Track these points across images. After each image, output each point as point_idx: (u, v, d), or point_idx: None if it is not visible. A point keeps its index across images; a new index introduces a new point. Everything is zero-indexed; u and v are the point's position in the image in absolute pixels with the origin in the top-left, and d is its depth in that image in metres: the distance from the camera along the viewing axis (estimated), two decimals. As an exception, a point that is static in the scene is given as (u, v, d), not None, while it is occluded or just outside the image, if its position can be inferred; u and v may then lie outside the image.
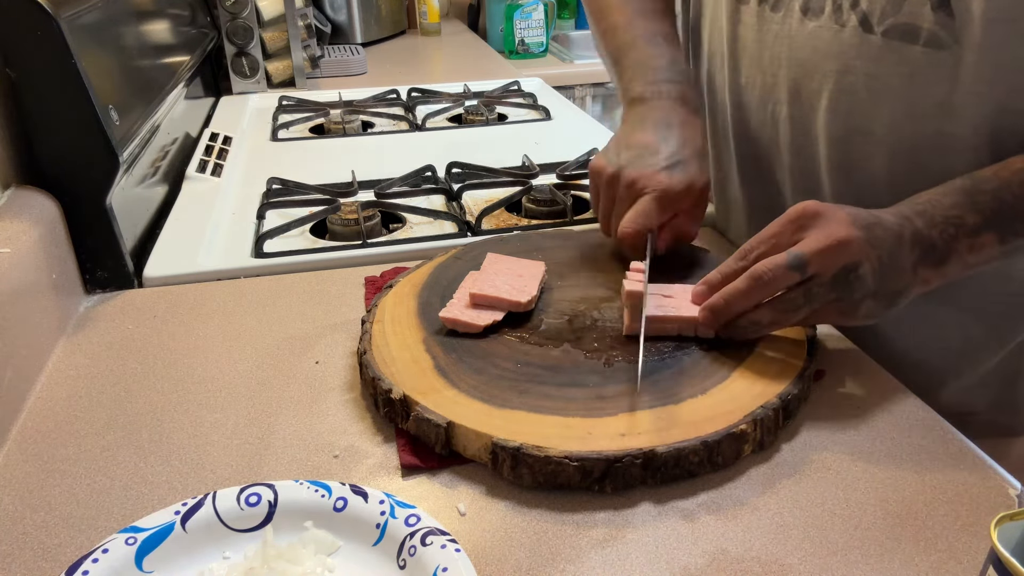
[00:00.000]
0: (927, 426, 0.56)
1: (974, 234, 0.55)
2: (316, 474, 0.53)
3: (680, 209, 0.69)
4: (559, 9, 2.33)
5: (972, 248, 0.55)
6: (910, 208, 0.56)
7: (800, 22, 0.67)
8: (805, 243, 0.54)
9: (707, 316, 0.59)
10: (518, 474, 0.50)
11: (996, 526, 0.35)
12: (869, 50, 0.62)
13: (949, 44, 0.57)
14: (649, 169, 0.68)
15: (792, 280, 0.55)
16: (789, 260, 0.54)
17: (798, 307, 0.55)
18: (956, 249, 0.55)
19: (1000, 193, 0.55)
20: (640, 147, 0.70)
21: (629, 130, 0.72)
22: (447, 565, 0.42)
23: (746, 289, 0.56)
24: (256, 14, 1.44)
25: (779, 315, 0.56)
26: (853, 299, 0.55)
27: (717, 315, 0.58)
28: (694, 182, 0.68)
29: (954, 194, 0.56)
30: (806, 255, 0.54)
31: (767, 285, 0.55)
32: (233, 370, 0.64)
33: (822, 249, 0.54)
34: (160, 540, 0.44)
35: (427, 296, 0.67)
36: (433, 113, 1.34)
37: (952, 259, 0.55)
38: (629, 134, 0.71)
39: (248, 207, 0.95)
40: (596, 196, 0.73)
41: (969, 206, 0.55)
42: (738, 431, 0.51)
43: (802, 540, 0.47)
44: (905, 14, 0.59)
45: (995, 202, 0.55)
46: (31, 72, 0.70)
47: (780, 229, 0.56)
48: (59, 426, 0.58)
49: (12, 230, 0.65)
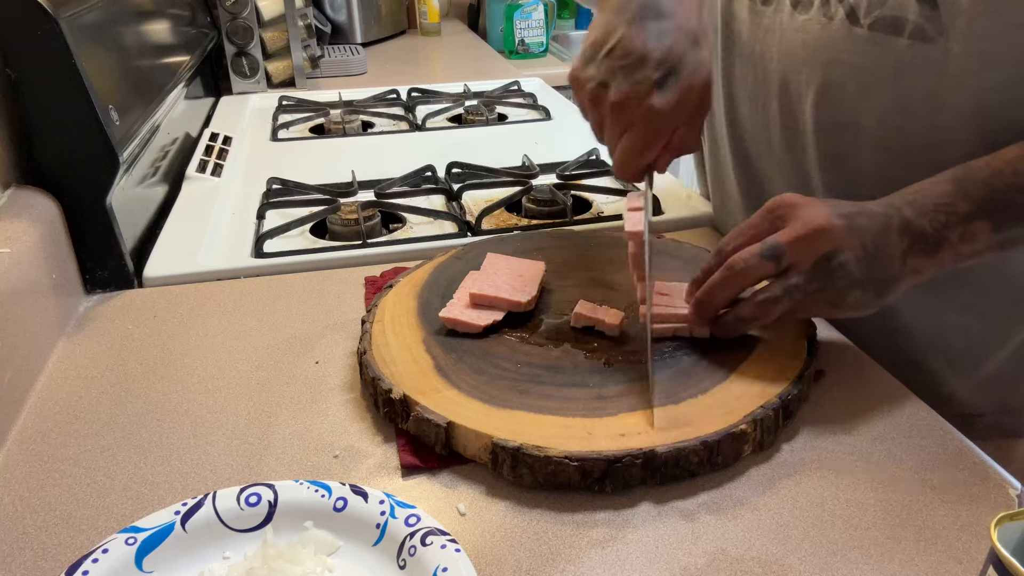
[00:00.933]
0: (927, 426, 0.56)
1: (965, 222, 0.54)
2: (316, 474, 0.53)
3: (679, 123, 0.59)
4: (559, 9, 2.33)
5: (964, 237, 0.54)
6: (899, 198, 0.56)
7: (790, 15, 0.67)
8: (782, 232, 0.54)
9: (691, 313, 0.59)
10: (518, 474, 0.50)
11: (996, 526, 0.35)
12: (856, 43, 0.62)
13: (935, 36, 0.57)
14: (637, 88, 0.57)
15: (767, 269, 0.55)
16: (763, 249, 0.54)
17: (777, 299, 0.55)
18: (947, 238, 0.54)
19: (992, 181, 0.54)
20: (623, 53, 0.57)
21: (610, 20, 0.59)
22: (447, 565, 0.42)
23: (722, 280, 0.56)
24: (256, 14, 1.44)
25: (759, 308, 0.56)
26: (837, 289, 0.54)
27: (700, 309, 0.58)
28: (691, 87, 0.57)
29: (944, 183, 0.55)
30: (781, 244, 0.54)
31: (741, 274, 0.55)
32: (233, 370, 0.64)
33: (797, 237, 0.53)
34: (160, 540, 0.44)
35: (427, 296, 0.67)
36: (433, 113, 1.34)
37: (944, 248, 0.55)
38: (610, 28, 0.58)
39: (248, 207, 0.95)
40: (583, 109, 0.62)
41: (960, 194, 0.54)
42: (738, 431, 0.51)
43: (802, 540, 0.47)
44: (891, 7, 0.59)
45: (986, 190, 0.54)
46: (31, 72, 0.70)
47: (758, 221, 0.57)
48: (59, 426, 0.58)
49: (12, 230, 0.65)
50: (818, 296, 0.55)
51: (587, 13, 2.37)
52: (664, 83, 0.57)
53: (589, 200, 0.97)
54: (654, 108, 0.57)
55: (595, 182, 1.00)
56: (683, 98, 0.57)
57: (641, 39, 0.57)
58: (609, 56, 0.58)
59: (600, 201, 0.97)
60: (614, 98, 0.57)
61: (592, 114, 0.61)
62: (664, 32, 0.57)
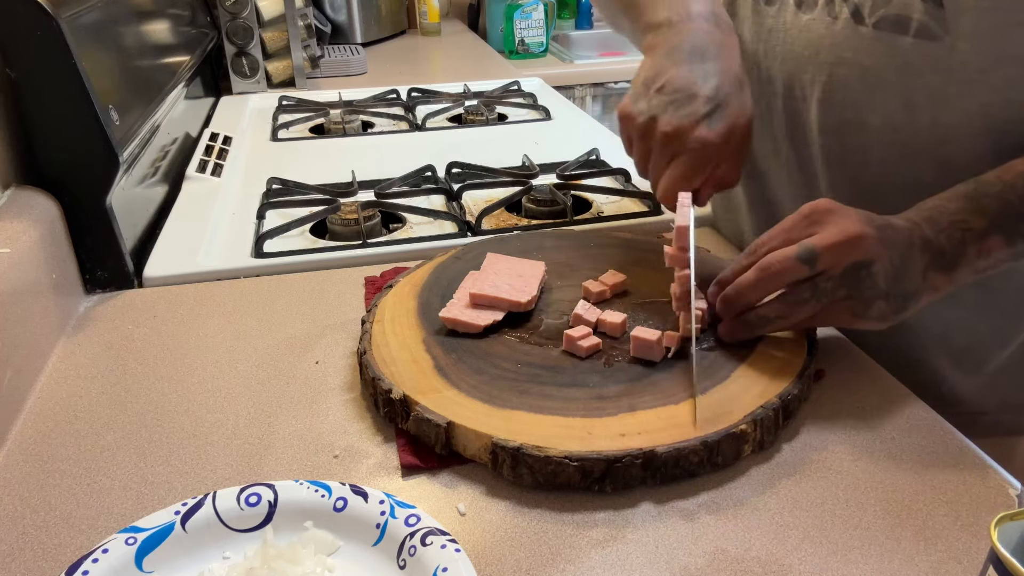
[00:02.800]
0: (927, 426, 0.56)
1: (981, 238, 0.55)
2: (316, 474, 0.53)
3: (722, 159, 0.63)
4: (559, 9, 2.33)
5: (980, 252, 0.55)
6: (917, 214, 0.56)
7: (794, 15, 0.67)
8: (817, 237, 0.54)
9: (720, 307, 0.59)
10: (518, 474, 0.50)
11: (996, 526, 0.35)
12: (861, 42, 0.62)
13: (940, 35, 0.57)
14: (687, 120, 0.61)
15: (801, 272, 0.54)
16: (799, 252, 0.54)
17: (805, 301, 0.55)
18: (965, 254, 0.55)
19: (1004, 195, 0.55)
20: (674, 89, 0.62)
21: (660, 63, 0.63)
22: (447, 565, 0.42)
23: (755, 280, 0.56)
24: (256, 14, 1.44)
25: (786, 308, 0.56)
26: (864, 298, 0.54)
27: (729, 306, 0.58)
28: (736, 125, 0.62)
29: (959, 199, 0.56)
30: (817, 248, 0.54)
31: (776, 276, 0.55)
32: (233, 370, 0.64)
33: (834, 244, 0.53)
34: (160, 540, 0.44)
35: (427, 296, 0.67)
36: (433, 113, 1.34)
37: (962, 264, 0.55)
38: (660, 69, 0.63)
39: (248, 207, 0.95)
40: (629, 144, 0.66)
41: (974, 211, 0.55)
42: (738, 431, 0.51)
43: (802, 540, 0.47)
44: (896, 5, 0.59)
45: (999, 205, 0.55)
46: (31, 72, 0.70)
47: (793, 224, 0.56)
48: (59, 426, 0.58)
49: (12, 230, 0.65)
50: (844, 304, 0.55)
51: (587, 14, 2.37)
52: (712, 117, 0.61)
53: (589, 200, 0.97)
54: (702, 138, 0.61)
55: (595, 182, 1.00)
56: (729, 133, 0.62)
57: (691, 78, 0.62)
58: (660, 92, 0.62)
59: (600, 201, 0.97)
60: (664, 128, 0.61)
61: (639, 145, 0.64)
62: (711, 73, 0.62)
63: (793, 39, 0.67)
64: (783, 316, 0.57)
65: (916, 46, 0.59)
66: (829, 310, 0.56)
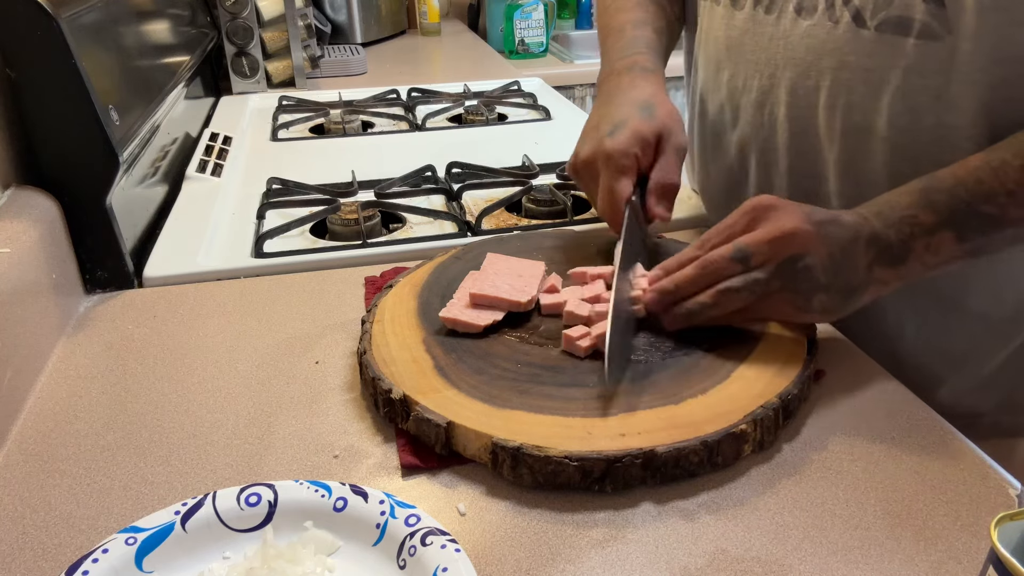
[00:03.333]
0: (927, 426, 0.56)
1: (930, 233, 0.56)
2: (316, 474, 0.53)
3: (644, 165, 0.69)
4: (559, 9, 2.33)
5: (929, 248, 0.56)
6: (868, 209, 0.58)
7: (794, 22, 0.67)
8: (751, 235, 0.56)
9: (653, 297, 0.60)
10: (518, 474, 0.50)
11: (996, 526, 0.35)
12: (863, 45, 0.62)
13: (942, 35, 0.57)
14: (596, 144, 0.69)
15: (735, 271, 0.56)
16: (733, 252, 0.56)
17: (736, 290, 0.56)
18: (913, 248, 0.56)
19: (955, 191, 0.55)
20: (587, 130, 0.73)
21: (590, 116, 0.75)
22: (447, 565, 0.42)
23: (692, 277, 0.58)
24: (256, 14, 1.44)
25: (716, 296, 0.57)
26: (802, 291, 0.56)
27: (663, 297, 0.59)
28: (639, 132, 0.68)
29: (911, 194, 0.57)
30: (749, 246, 0.56)
31: (711, 275, 0.57)
32: (233, 370, 0.64)
33: (767, 239, 0.55)
34: (160, 540, 0.44)
35: (427, 296, 0.67)
36: (433, 113, 1.34)
37: (910, 259, 0.56)
38: (587, 121, 0.75)
39: (248, 207, 0.95)
40: (586, 193, 0.75)
41: (925, 205, 0.56)
42: (738, 431, 0.51)
43: (802, 540, 0.47)
44: (897, 7, 0.59)
45: (951, 200, 0.55)
46: (31, 72, 0.70)
47: (734, 221, 0.58)
48: (59, 426, 0.58)
49: (12, 230, 0.65)
50: (781, 296, 0.56)
51: (587, 14, 2.37)
52: (614, 133, 0.69)
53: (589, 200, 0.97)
54: (605, 150, 0.68)
55: (595, 182, 1.00)
56: (631, 140, 0.68)
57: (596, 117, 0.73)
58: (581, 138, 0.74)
59: (600, 201, 0.97)
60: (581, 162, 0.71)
61: (585, 189, 0.74)
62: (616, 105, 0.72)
63: (794, 46, 0.67)
64: (717, 304, 0.57)
65: (919, 47, 0.59)
66: (768, 302, 0.57)
